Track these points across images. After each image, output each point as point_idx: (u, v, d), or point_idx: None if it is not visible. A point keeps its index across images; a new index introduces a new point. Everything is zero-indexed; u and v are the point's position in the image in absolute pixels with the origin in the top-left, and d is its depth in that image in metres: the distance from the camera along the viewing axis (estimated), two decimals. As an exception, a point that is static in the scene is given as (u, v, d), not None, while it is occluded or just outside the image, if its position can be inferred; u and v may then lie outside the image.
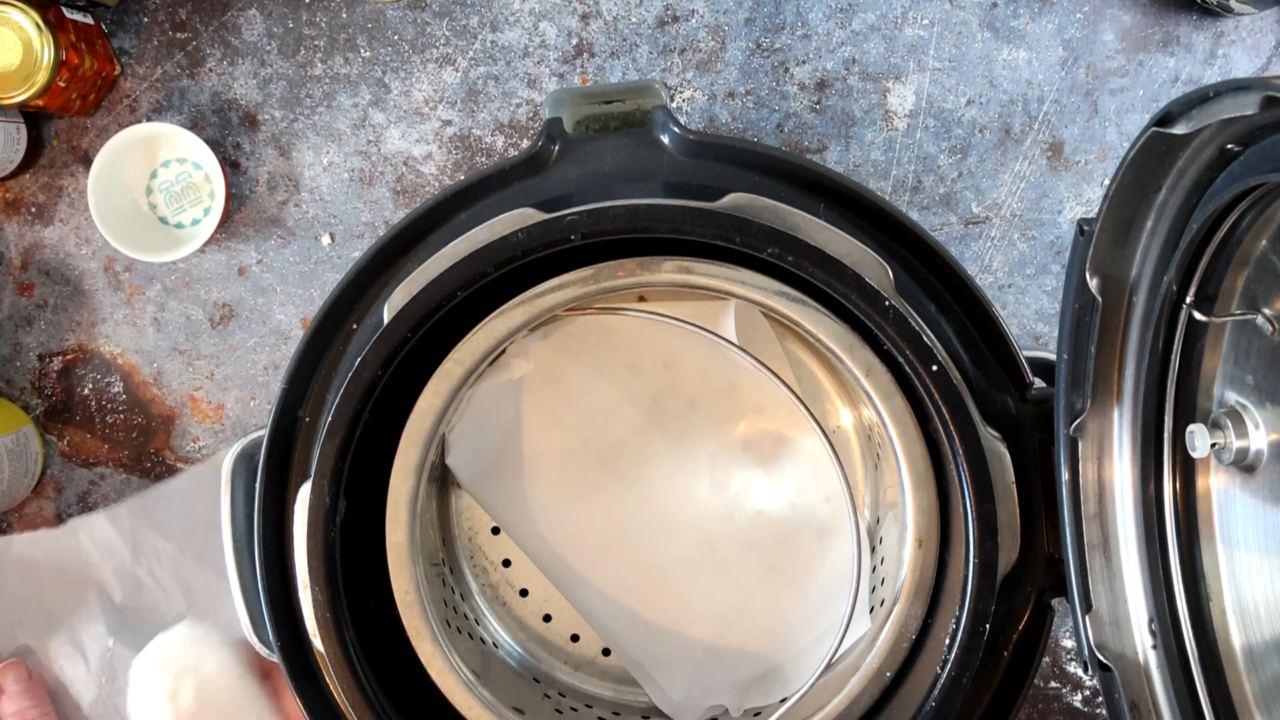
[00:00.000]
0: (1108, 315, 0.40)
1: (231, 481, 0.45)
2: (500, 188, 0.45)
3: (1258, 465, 0.36)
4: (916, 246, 0.44)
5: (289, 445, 0.44)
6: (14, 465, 0.68)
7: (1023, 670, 0.43)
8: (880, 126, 0.71)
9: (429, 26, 0.70)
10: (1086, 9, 0.69)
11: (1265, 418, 0.36)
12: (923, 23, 0.70)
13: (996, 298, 0.71)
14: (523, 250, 0.40)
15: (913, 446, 0.43)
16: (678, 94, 0.70)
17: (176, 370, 0.72)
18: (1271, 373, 0.35)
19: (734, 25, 0.70)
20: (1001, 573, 0.41)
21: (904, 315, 0.40)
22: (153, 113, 0.70)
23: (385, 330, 0.40)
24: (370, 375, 0.40)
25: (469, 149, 0.71)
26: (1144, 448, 0.41)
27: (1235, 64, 0.70)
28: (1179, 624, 0.40)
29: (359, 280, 0.44)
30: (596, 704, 0.53)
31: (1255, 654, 0.38)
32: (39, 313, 0.72)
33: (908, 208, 0.71)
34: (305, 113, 0.70)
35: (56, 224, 0.71)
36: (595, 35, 0.70)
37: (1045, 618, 0.43)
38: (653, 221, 0.40)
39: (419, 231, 0.44)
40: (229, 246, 0.71)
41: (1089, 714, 0.73)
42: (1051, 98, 0.70)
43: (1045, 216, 0.71)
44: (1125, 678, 0.41)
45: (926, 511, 0.43)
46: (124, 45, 0.70)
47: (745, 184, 0.43)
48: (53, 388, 0.72)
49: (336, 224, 0.71)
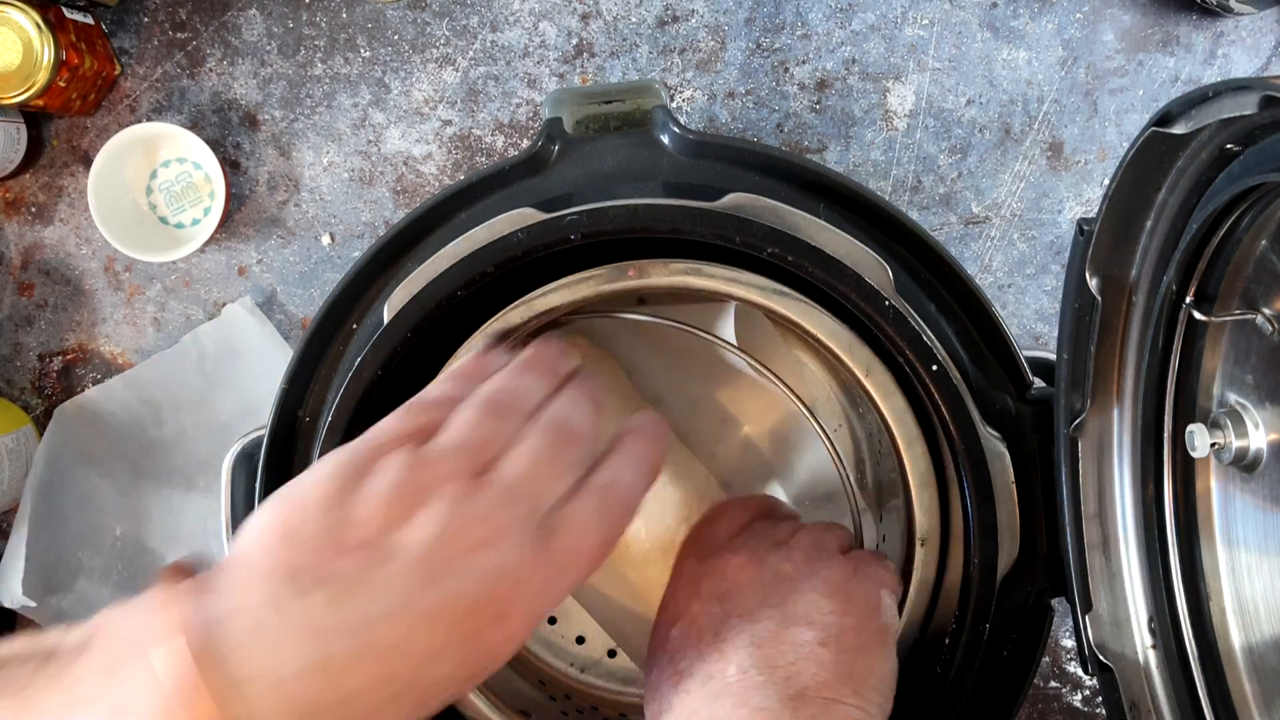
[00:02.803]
0: (1108, 315, 0.40)
1: (231, 481, 0.45)
2: (500, 187, 0.45)
3: (1258, 465, 0.36)
4: (916, 246, 0.44)
5: (289, 445, 0.44)
6: (14, 465, 0.68)
7: (1023, 670, 0.43)
8: (880, 126, 0.71)
9: (429, 26, 0.70)
10: (1086, 9, 0.69)
11: (1265, 418, 0.36)
12: (923, 23, 0.70)
13: (996, 298, 0.71)
14: (523, 250, 0.40)
15: (913, 446, 0.43)
16: (678, 94, 0.70)
17: (176, 370, 0.72)
18: (1271, 373, 0.35)
19: (734, 25, 0.70)
20: (1001, 573, 0.41)
21: (904, 315, 0.40)
22: (153, 113, 0.70)
23: (385, 330, 0.40)
24: (370, 375, 0.40)
25: (469, 149, 0.71)
26: (1144, 448, 0.41)
27: (1235, 64, 0.70)
28: (1179, 624, 0.40)
29: (359, 280, 0.44)
30: (603, 705, 0.53)
31: (1255, 654, 0.38)
32: (39, 313, 0.72)
33: (908, 208, 0.71)
34: (305, 113, 0.70)
35: (56, 224, 0.71)
36: (595, 35, 0.70)
37: (1045, 618, 0.43)
38: (653, 221, 0.40)
39: (419, 231, 0.44)
40: (229, 246, 0.71)
41: (1089, 714, 0.73)
42: (1051, 98, 0.70)
43: (1045, 216, 0.71)
44: (1125, 677, 0.41)
45: (928, 511, 0.43)
46: (124, 45, 0.70)
47: (745, 184, 0.43)
48: (53, 388, 0.72)
49: (336, 224, 0.71)
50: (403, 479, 0.33)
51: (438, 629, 0.32)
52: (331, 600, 0.31)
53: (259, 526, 0.32)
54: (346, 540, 0.32)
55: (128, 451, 0.71)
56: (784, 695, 0.36)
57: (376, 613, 0.32)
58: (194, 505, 0.72)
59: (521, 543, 0.34)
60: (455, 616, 0.32)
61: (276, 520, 0.32)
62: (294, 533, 0.32)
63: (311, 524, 0.32)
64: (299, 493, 0.33)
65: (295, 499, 0.33)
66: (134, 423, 0.71)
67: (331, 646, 0.31)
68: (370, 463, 0.34)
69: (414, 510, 0.33)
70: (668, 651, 0.41)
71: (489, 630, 0.33)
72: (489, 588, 0.33)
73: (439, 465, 0.34)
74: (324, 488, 0.33)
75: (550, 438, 0.36)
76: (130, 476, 0.71)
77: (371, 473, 0.34)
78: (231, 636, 0.30)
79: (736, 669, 0.38)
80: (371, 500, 0.33)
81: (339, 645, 0.31)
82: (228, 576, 0.31)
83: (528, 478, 0.35)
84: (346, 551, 0.32)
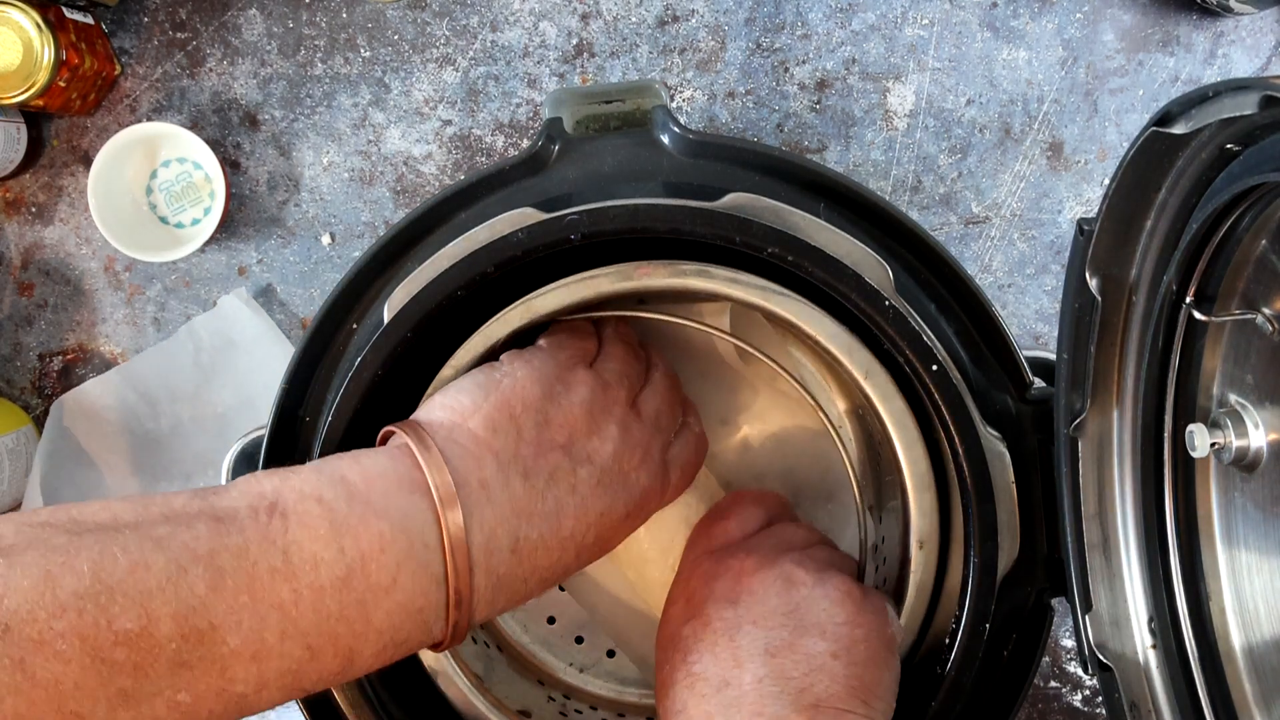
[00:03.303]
0: (1108, 315, 0.40)
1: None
2: (500, 187, 0.45)
3: (1258, 465, 0.36)
4: (916, 246, 0.44)
5: (289, 445, 0.44)
6: (14, 465, 0.68)
7: (1023, 670, 0.43)
8: (880, 126, 0.71)
9: (429, 26, 0.70)
10: (1086, 9, 0.69)
11: (1265, 418, 0.36)
12: (923, 23, 0.70)
13: (996, 298, 0.71)
14: (523, 250, 0.40)
15: (913, 448, 0.43)
16: (678, 94, 0.70)
17: (176, 370, 0.72)
18: (1271, 373, 0.35)
19: (734, 25, 0.70)
20: (1001, 573, 0.41)
21: (904, 315, 0.40)
22: (153, 113, 0.70)
23: (385, 330, 0.40)
24: (370, 375, 0.40)
25: (469, 149, 0.71)
26: (1144, 447, 0.41)
27: (1235, 64, 0.70)
28: (1179, 623, 0.40)
29: (359, 280, 0.44)
30: (601, 705, 0.53)
31: (1255, 654, 0.38)
32: (39, 313, 0.72)
33: (908, 208, 0.71)
34: (305, 112, 0.70)
35: (56, 224, 0.71)
36: (595, 35, 0.70)
37: (1045, 618, 0.43)
38: (653, 221, 0.40)
39: (419, 231, 0.44)
40: (229, 246, 0.71)
41: (1089, 714, 0.73)
42: (1051, 98, 0.70)
43: (1045, 216, 0.71)
44: (1125, 677, 0.41)
45: (928, 513, 0.43)
46: (124, 45, 0.70)
47: (745, 184, 0.43)
48: (53, 388, 0.72)
49: (336, 224, 0.71)
50: (591, 397, 0.40)
51: (600, 528, 0.39)
52: (534, 489, 0.37)
53: (482, 407, 0.38)
54: (552, 439, 0.38)
55: (125, 445, 0.71)
56: (798, 706, 0.37)
57: (566, 507, 0.38)
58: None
59: (656, 468, 0.42)
60: (614, 520, 0.39)
61: (496, 406, 0.38)
62: (513, 422, 0.38)
63: (525, 418, 0.38)
64: (511, 386, 0.39)
65: (509, 391, 0.38)
66: (130, 415, 0.71)
67: (527, 529, 0.36)
68: (564, 373, 0.40)
69: (600, 425, 0.40)
70: (680, 650, 0.41)
71: (620, 531, 0.41)
72: (638, 499, 0.41)
73: (615, 390, 0.41)
74: (533, 389, 0.39)
75: (669, 383, 0.45)
76: (128, 470, 0.71)
77: (568, 384, 0.40)
78: (466, 503, 0.35)
79: (752, 678, 0.38)
80: (569, 409, 0.39)
81: (533, 529, 0.37)
82: (464, 448, 0.36)
83: (662, 414, 0.43)
84: (550, 449, 0.38)
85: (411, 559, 0.34)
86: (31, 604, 0.28)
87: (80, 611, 0.28)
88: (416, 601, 0.34)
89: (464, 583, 0.34)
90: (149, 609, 0.29)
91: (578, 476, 0.38)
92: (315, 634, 0.32)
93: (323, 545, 0.32)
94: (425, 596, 0.34)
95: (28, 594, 0.28)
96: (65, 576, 0.28)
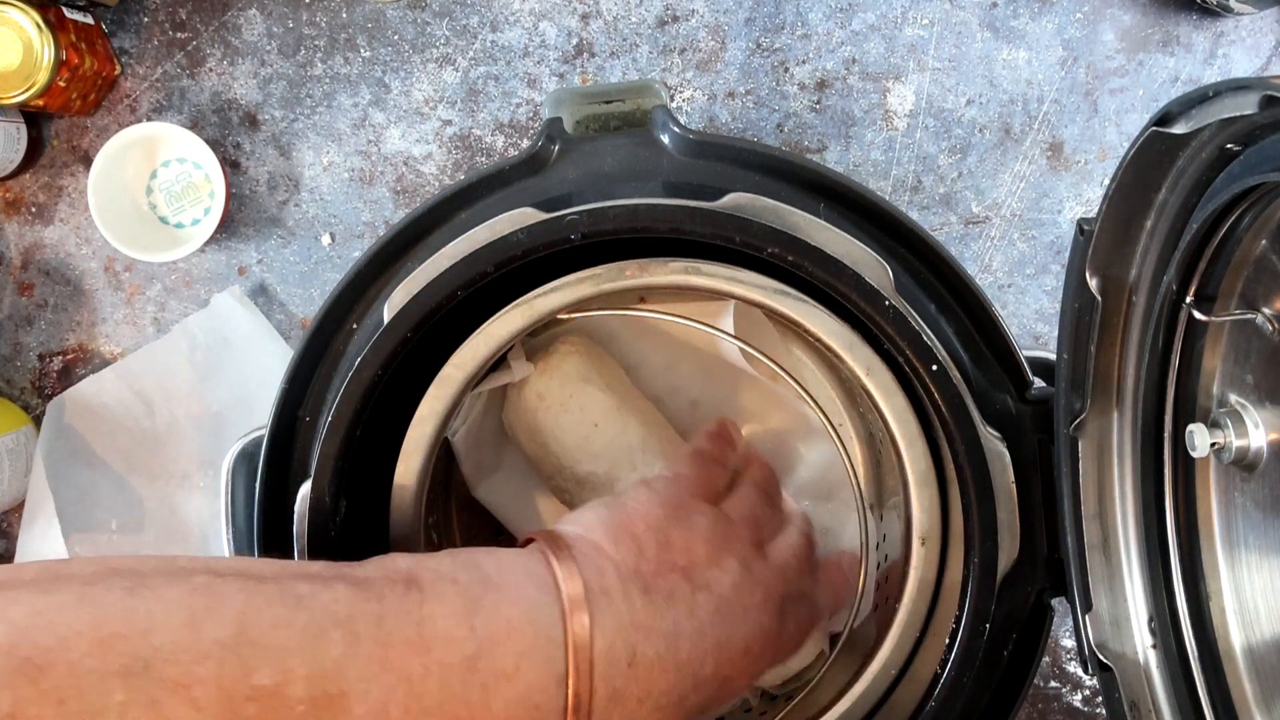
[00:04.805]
0: (1108, 315, 0.40)
1: (231, 481, 0.45)
2: (500, 187, 0.45)
3: (1258, 465, 0.36)
4: (916, 246, 0.44)
5: (289, 445, 0.44)
6: (14, 465, 0.68)
7: (1023, 670, 0.43)
8: (880, 126, 0.71)
9: (429, 26, 0.70)
10: (1086, 9, 0.69)
11: (1265, 417, 0.36)
12: (923, 23, 0.70)
13: (996, 298, 0.71)
14: (523, 249, 0.40)
15: (914, 445, 0.43)
16: (678, 94, 0.70)
17: (176, 370, 0.72)
18: (1271, 373, 0.35)
19: (734, 25, 0.70)
20: (1001, 573, 0.41)
21: (904, 315, 0.40)
22: (153, 113, 0.70)
23: (385, 330, 0.40)
24: (370, 375, 0.40)
25: (469, 149, 0.71)
26: (1144, 447, 0.41)
27: (1235, 64, 0.70)
28: (1179, 623, 0.40)
29: (359, 280, 0.44)
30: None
31: (1255, 654, 0.38)
32: (39, 313, 0.72)
33: (908, 208, 0.71)
34: (305, 112, 0.70)
35: (56, 224, 0.71)
36: (595, 35, 0.70)
37: (1045, 618, 0.43)
38: (653, 221, 0.40)
39: (419, 231, 0.44)
40: (229, 246, 0.71)
41: (1089, 714, 0.73)
42: (1051, 98, 0.70)
43: (1045, 216, 0.71)
44: (1125, 677, 0.41)
45: (928, 510, 0.43)
46: (124, 45, 0.70)
47: (745, 184, 0.43)
48: (53, 388, 0.72)
49: (336, 224, 0.71)
50: (712, 528, 0.40)
51: (718, 658, 0.38)
52: (653, 605, 0.37)
53: (606, 522, 0.39)
54: (673, 560, 0.38)
55: (123, 444, 0.71)
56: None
57: (683, 630, 0.37)
58: (187, 499, 0.72)
59: (779, 614, 0.40)
60: (731, 653, 0.38)
61: (622, 524, 0.39)
62: (634, 539, 0.38)
63: (649, 538, 0.38)
64: (634, 506, 0.40)
65: (632, 510, 0.39)
66: (126, 414, 0.71)
67: (644, 645, 0.36)
68: (687, 501, 0.41)
69: (720, 557, 0.39)
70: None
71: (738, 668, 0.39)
72: (758, 639, 0.39)
73: (738, 527, 0.42)
74: (657, 512, 0.40)
75: (803, 542, 0.44)
76: (124, 469, 0.71)
77: (689, 510, 0.41)
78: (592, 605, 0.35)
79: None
80: (689, 535, 0.39)
81: (650, 646, 0.36)
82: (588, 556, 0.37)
83: (789, 567, 0.42)
84: (670, 570, 0.38)
85: (536, 651, 0.33)
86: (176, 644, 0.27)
87: (221, 661, 0.27)
88: (535, 697, 0.33)
89: (584, 687, 0.34)
90: (286, 667, 0.28)
91: (695, 601, 0.38)
92: (437, 712, 0.31)
93: (455, 623, 0.32)
94: (544, 694, 0.33)
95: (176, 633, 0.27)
96: (210, 621, 0.28)
